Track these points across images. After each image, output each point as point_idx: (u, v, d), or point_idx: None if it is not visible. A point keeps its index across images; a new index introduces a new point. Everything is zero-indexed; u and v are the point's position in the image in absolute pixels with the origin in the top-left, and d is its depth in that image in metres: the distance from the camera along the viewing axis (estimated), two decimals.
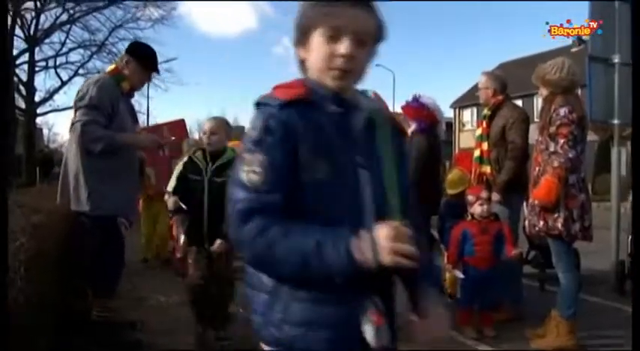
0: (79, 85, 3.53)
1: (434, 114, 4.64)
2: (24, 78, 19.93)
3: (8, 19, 17.74)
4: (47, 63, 20.79)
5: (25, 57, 19.86)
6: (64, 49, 20.67)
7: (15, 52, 18.98)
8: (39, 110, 21.08)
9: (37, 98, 20.58)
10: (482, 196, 3.85)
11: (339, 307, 1.17)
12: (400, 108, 5.33)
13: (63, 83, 20.54)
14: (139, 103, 21.52)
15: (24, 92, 20.03)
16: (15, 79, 19.14)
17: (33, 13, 19.55)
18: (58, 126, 53.25)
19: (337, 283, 1.12)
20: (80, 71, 20.48)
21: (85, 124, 3.15)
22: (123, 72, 3.45)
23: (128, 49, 3.63)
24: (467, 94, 32.20)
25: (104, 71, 3.80)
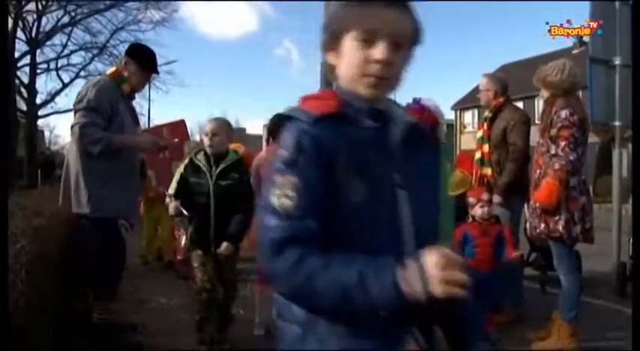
0: (81, 88, 3.53)
1: (435, 116, 4.63)
2: (25, 80, 20.00)
3: (10, 22, 17.82)
4: (49, 65, 20.88)
5: (27, 59, 19.97)
6: (66, 52, 20.79)
7: (16, 55, 19.08)
8: (40, 112, 21.16)
9: (39, 100, 20.66)
10: (483, 198, 3.84)
11: (379, 342, 1.08)
12: None
13: (64, 85, 20.63)
14: (140, 105, 21.57)
15: (25, 94, 20.09)
16: (16, 82, 19.18)
17: (34, 16, 19.65)
18: (60, 128, 53.33)
19: (380, 317, 1.02)
20: (81, 73, 20.60)
21: (84, 127, 3.15)
22: (123, 74, 3.45)
23: (127, 51, 3.63)
24: (468, 96, 32.18)
25: (105, 74, 3.80)
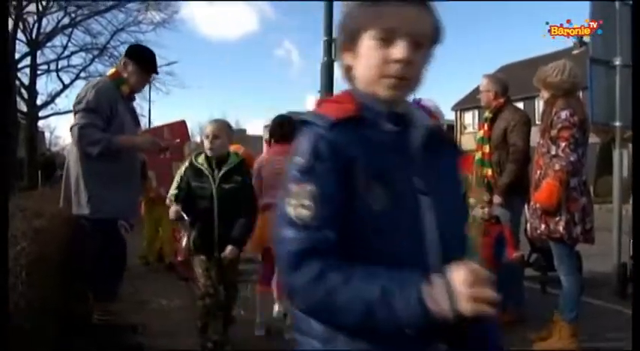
0: (81, 89, 3.53)
1: (435, 116, 4.62)
2: (26, 81, 19.98)
3: (10, 23, 17.83)
4: (49, 66, 20.84)
5: (27, 60, 19.92)
6: (66, 53, 20.73)
7: (17, 56, 19.05)
8: (41, 113, 21.10)
9: (39, 101, 20.63)
10: (483, 199, 3.84)
11: None
12: None
13: (65, 87, 20.58)
14: (141, 106, 21.61)
15: (26, 96, 20.06)
16: (17, 83, 19.19)
17: (35, 17, 19.63)
18: (60, 129, 53.23)
19: (405, 334, 0.97)
20: (82, 75, 20.53)
21: (83, 128, 3.15)
22: (122, 75, 3.45)
23: (127, 52, 3.63)
24: (468, 97, 32.18)
25: (105, 75, 3.80)
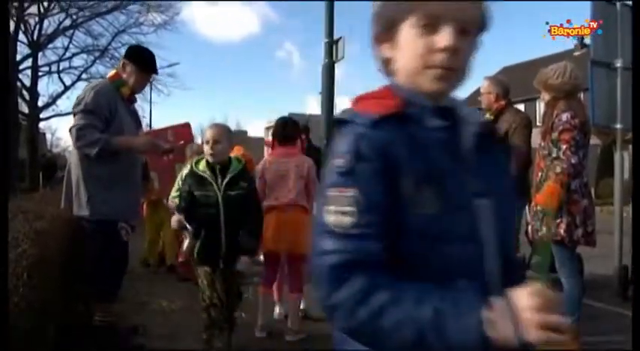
0: (81, 90, 3.53)
1: None
2: (27, 83, 20.00)
3: (12, 24, 17.87)
4: (50, 68, 20.86)
5: (29, 62, 19.94)
6: (67, 54, 20.74)
7: (18, 57, 19.06)
8: (42, 115, 21.11)
9: (40, 103, 20.63)
10: None
11: None
12: None
13: (66, 88, 20.60)
14: (142, 108, 21.64)
15: (27, 97, 20.09)
16: (18, 84, 19.21)
17: (36, 19, 19.63)
18: (61, 131, 53.30)
19: None
20: (83, 76, 20.54)
21: (81, 129, 3.15)
22: (122, 77, 3.45)
23: (125, 53, 3.63)
24: (469, 99, 32.05)
25: (105, 77, 3.80)
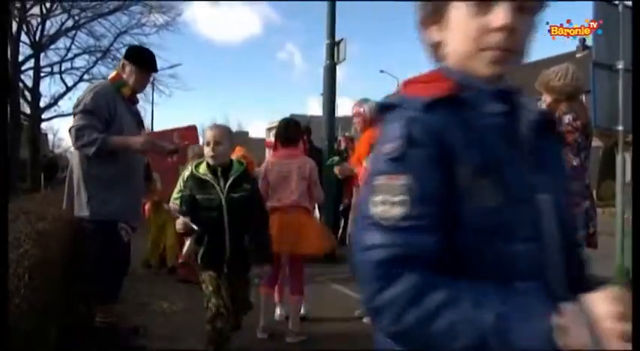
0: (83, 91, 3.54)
1: None
2: (29, 83, 20.08)
3: (14, 25, 17.90)
4: (52, 69, 20.94)
5: (31, 63, 20.00)
6: (69, 55, 20.81)
7: (20, 58, 19.14)
8: (44, 116, 21.19)
9: (42, 104, 20.70)
10: None
11: None
12: None
13: (68, 89, 20.67)
14: (144, 109, 21.68)
15: (29, 98, 20.16)
16: (20, 85, 19.26)
17: (39, 19, 19.69)
18: (63, 131, 53.44)
19: None
20: (85, 77, 20.61)
21: (80, 129, 3.16)
22: (122, 77, 3.46)
23: (124, 54, 3.66)
24: None
25: (107, 78, 3.81)
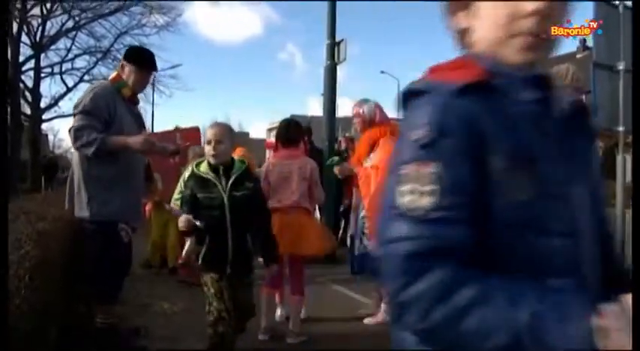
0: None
1: None
2: (30, 84, 20.10)
3: (15, 26, 17.92)
4: (53, 69, 20.96)
5: (31, 63, 20.01)
6: (70, 56, 20.84)
7: (21, 59, 19.16)
8: (44, 116, 21.21)
9: (43, 104, 20.72)
10: None
11: None
12: None
13: (68, 89, 20.68)
14: (145, 109, 21.67)
15: (30, 98, 20.17)
16: (21, 85, 19.27)
17: (39, 20, 19.71)
18: (63, 132, 53.38)
19: None
20: (85, 77, 20.61)
21: (78, 129, 3.16)
22: (122, 78, 3.46)
23: (123, 55, 3.68)
24: None
25: (107, 79, 3.82)
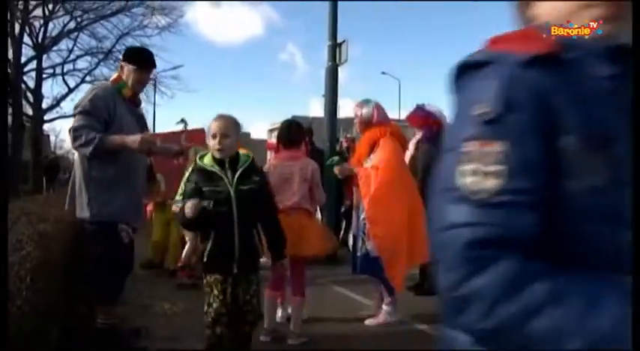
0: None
1: (440, 122, 4.64)
2: (32, 85, 20.15)
3: (17, 27, 17.96)
4: (55, 70, 21.03)
5: (33, 64, 20.07)
6: (72, 57, 20.94)
7: (23, 60, 19.22)
8: (46, 117, 21.26)
9: (45, 105, 20.77)
10: None
11: None
12: (406, 117, 5.34)
13: (70, 90, 20.73)
14: (146, 110, 21.65)
15: (31, 99, 20.20)
16: (23, 86, 19.31)
17: (41, 21, 19.78)
18: (65, 132, 53.39)
19: None
20: (87, 78, 20.69)
21: (77, 129, 3.17)
22: (122, 78, 3.47)
23: (122, 56, 3.69)
24: None
25: (109, 79, 3.83)
